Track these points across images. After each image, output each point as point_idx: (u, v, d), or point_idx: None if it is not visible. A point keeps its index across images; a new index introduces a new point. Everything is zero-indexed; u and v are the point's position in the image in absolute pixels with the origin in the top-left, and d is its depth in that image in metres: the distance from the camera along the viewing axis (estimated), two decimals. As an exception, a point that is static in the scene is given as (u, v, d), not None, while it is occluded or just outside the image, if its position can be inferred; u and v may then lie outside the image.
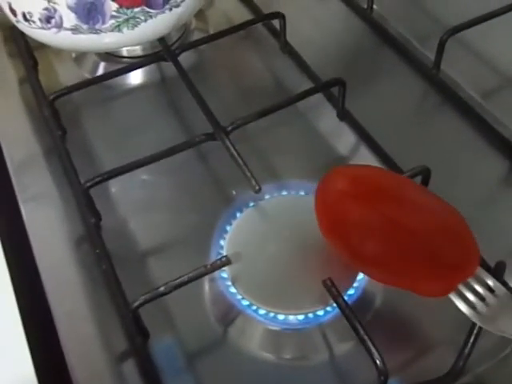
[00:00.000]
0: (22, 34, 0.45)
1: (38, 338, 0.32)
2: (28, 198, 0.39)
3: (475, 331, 0.29)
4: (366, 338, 0.28)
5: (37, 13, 0.38)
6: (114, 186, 0.39)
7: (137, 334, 0.32)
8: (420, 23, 0.48)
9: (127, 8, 0.38)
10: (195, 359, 0.32)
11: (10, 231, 0.38)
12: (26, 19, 0.39)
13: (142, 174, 0.39)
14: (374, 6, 0.49)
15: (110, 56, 0.48)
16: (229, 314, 0.33)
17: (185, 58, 0.45)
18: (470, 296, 0.29)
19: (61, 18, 0.38)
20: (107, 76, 0.44)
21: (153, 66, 0.46)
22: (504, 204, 0.37)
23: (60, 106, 0.42)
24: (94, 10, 0.37)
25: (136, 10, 0.38)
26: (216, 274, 0.33)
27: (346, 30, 0.49)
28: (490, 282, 0.29)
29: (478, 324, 0.29)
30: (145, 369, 0.31)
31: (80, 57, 0.48)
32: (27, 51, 0.47)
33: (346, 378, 0.31)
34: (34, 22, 0.39)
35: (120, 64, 0.46)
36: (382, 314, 0.33)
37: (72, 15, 0.38)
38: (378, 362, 0.28)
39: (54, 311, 0.33)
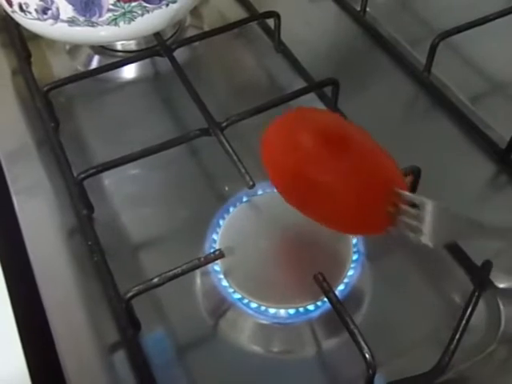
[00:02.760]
0: (16, 24, 0.45)
1: (30, 329, 0.32)
2: (20, 189, 0.39)
3: (461, 328, 0.30)
4: (355, 331, 0.29)
5: (33, 3, 0.38)
6: (107, 179, 0.39)
7: (128, 325, 0.32)
8: (412, 27, 0.49)
9: (124, 2, 0.38)
10: (186, 351, 0.32)
11: (2, 222, 0.38)
12: (21, 10, 0.39)
13: (135, 168, 0.39)
14: (367, 9, 0.50)
15: (104, 49, 0.48)
16: (220, 307, 0.33)
17: (179, 55, 0.45)
18: (410, 221, 0.29)
19: (57, 9, 0.38)
20: (102, 69, 0.44)
21: (146, 60, 0.46)
22: (490, 205, 0.38)
23: (53, 98, 0.42)
24: (91, 2, 0.37)
25: (133, 4, 0.38)
26: (209, 267, 0.33)
27: (339, 31, 0.50)
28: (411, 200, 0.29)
29: (427, 243, 0.28)
30: (136, 360, 0.31)
31: (74, 49, 0.48)
32: (21, 42, 0.47)
33: (334, 372, 0.32)
34: (29, 12, 0.39)
35: (114, 58, 0.46)
36: (370, 310, 0.33)
37: (69, 7, 0.38)
38: (367, 355, 0.28)
39: (45, 302, 0.33)
